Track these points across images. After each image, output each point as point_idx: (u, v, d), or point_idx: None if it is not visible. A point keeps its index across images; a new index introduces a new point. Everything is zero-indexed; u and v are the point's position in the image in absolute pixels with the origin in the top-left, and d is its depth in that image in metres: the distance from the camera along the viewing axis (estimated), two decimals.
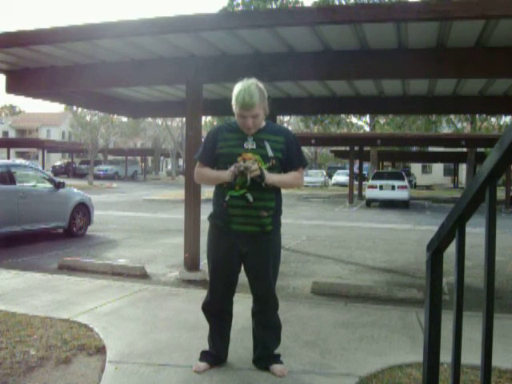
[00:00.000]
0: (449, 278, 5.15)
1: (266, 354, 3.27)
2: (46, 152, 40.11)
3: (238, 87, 3.03)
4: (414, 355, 3.48)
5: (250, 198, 3.02)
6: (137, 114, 10.97)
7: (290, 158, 3.14)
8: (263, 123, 3.15)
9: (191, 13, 5.75)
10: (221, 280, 3.21)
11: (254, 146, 3.05)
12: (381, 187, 20.13)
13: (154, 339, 3.82)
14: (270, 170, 3.03)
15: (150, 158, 61.45)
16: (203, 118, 6.35)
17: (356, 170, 29.00)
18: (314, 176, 39.43)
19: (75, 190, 10.75)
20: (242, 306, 3.88)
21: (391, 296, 5.53)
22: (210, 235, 3.25)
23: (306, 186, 36.88)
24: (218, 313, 3.31)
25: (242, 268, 3.24)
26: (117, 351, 3.53)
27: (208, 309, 3.33)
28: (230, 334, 3.37)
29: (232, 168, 2.94)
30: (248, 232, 3.07)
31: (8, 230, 8.60)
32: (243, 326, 3.78)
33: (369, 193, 20.71)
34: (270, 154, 3.06)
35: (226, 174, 2.98)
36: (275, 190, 3.13)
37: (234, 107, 3.06)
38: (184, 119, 15.44)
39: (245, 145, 3.05)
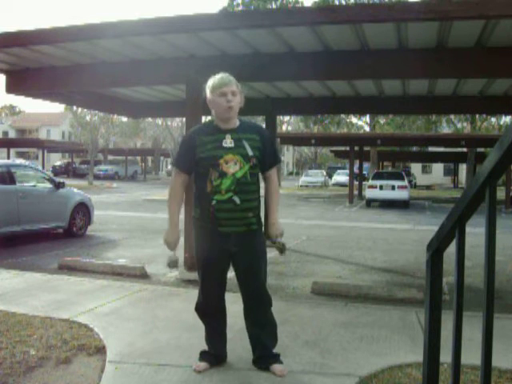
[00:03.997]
0: (449, 278, 5.14)
1: (265, 354, 3.26)
2: (45, 152, 40.06)
3: (211, 78, 3.13)
4: (413, 355, 3.47)
5: (238, 200, 3.02)
6: (137, 114, 10.97)
7: (266, 156, 3.16)
8: (237, 122, 3.15)
9: (191, 13, 5.76)
10: (211, 280, 3.23)
11: (233, 145, 3.05)
12: (381, 187, 20.12)
13: (154, 339, 3.82)
14: (251, 169, 3.05)
15: (150, 158, 61.45)
16: (203, 118, 6.34)
17: (356, 170, 28.99)
18: (314, 176, 39.37)
19: (75, 190, 10.75)
20: (241, 306, 3.86)
21: (391, 296, 5.53)
22: (196, 237, 3.26)
23: (306, 186, 36.86)
24: (211, 312, 3.32)
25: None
26: (117, 351, 3.53)
27: (202, 309, 3.33)
28: (230, 334, 3.38)
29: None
30: (236, 232, 3.09)
31: (8, 229, 8.59)
32: (242, 326, 3.76)
33: (369, 193, 20.70)
34: (250, 153, 3.06)
35: (171, 236, 3.47)
36: (257, 190, 3.16)
37: (210, 95, 3.09)
38: (184, 119, 15.42)
39: (223, 143, 3.05)
